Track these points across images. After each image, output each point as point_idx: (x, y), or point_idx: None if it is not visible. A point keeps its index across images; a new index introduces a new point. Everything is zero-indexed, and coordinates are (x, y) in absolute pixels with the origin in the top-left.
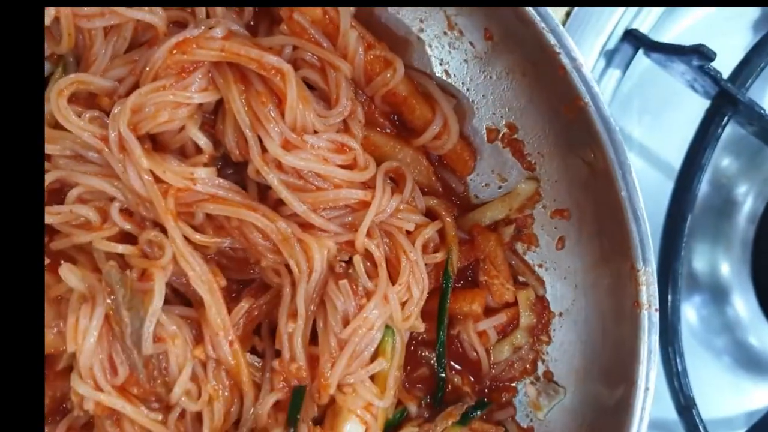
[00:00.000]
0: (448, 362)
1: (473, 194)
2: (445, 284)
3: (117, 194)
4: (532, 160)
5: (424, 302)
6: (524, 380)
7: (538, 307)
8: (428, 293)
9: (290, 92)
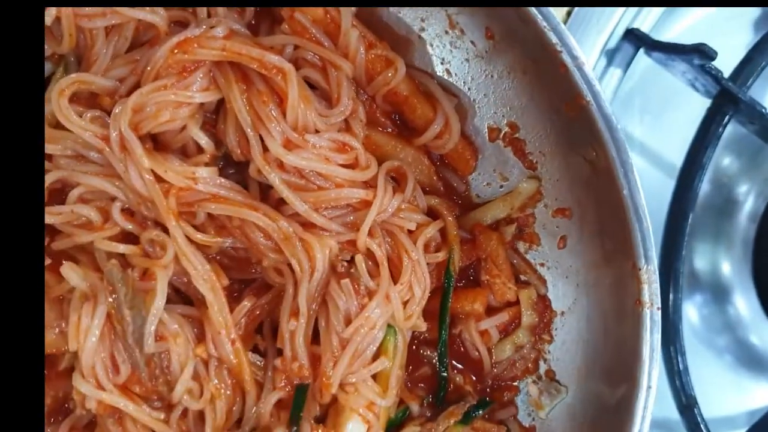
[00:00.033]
0: (450, 361)
1: (475, 193)
2: (446, 283)
3: (118, 194)
4: (533, 159)
5: (426, 301)
6: (526, 379)
7: (539, 306)
8: (430, 292)
9: (291, 91)
